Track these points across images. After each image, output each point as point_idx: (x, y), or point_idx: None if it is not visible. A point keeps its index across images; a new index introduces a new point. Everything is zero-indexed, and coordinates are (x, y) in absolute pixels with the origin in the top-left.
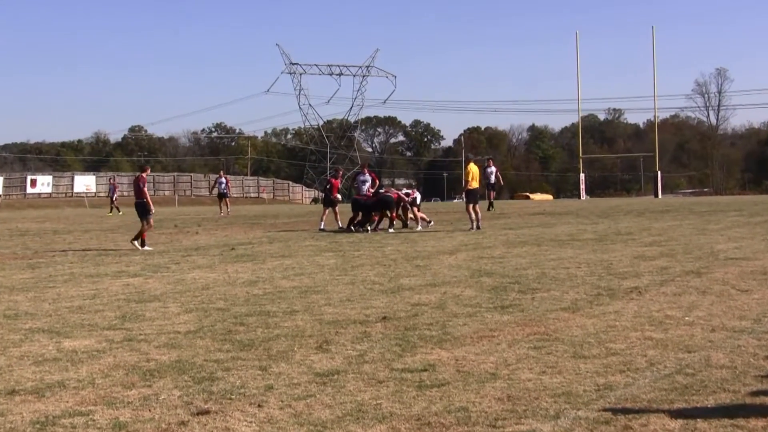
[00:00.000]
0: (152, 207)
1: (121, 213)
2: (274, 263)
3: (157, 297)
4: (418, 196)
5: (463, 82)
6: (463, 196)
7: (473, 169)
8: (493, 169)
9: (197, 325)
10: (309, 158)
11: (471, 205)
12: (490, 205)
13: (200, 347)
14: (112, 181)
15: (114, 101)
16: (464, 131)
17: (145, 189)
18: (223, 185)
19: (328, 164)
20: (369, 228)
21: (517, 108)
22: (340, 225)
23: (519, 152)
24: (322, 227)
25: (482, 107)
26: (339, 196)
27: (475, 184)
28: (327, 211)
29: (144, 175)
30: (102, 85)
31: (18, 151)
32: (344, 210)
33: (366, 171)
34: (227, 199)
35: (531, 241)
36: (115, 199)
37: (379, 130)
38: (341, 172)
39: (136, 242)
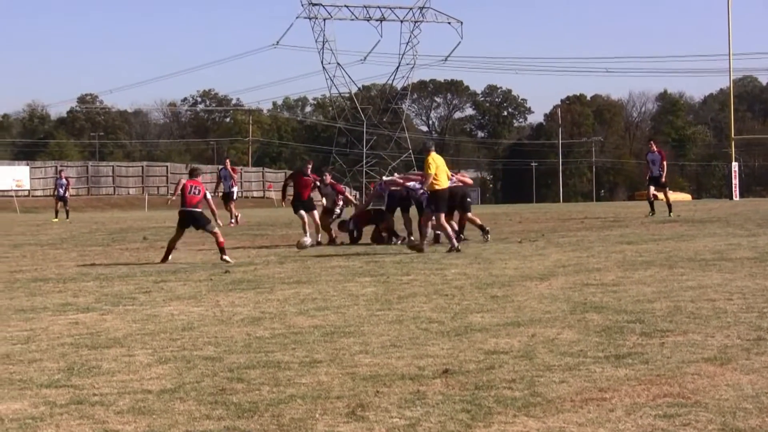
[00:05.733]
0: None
1: (69, 220)
2: (287, 292)
3: (119, 341)
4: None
5: (559, 32)
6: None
7: (437, 161)
8: (658, 154)
9: (176, 381)
10: (337, 141)
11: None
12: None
13: (180, 413)
14: (63, 174)
15: (55, 60)
16: (561, 101)
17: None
18: (228, 181)
19: (365, 149)
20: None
21: (640, 68)
22: (318, 239)
23: (642, 132)
24: (309, 242)
25: (587, 67)
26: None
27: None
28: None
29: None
30: (35, 36)
31: None
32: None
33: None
34: (232, 202)
35: (659, 260)
36: (66, 197)
37: (437, 99)
38: (310, 166)
39: (226, 256)
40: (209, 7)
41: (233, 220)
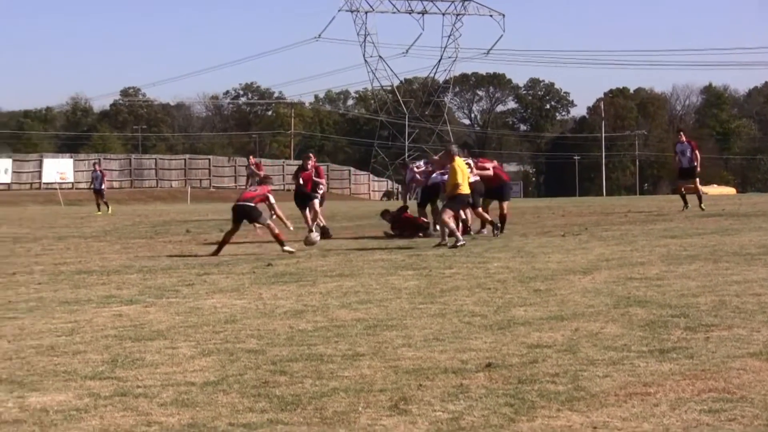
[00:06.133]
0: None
1: (110, 212)
2: (329, 285)
3: (162, 333)
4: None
5: (602, 25)
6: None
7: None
8: (687, 144)
9: (219, 373)
10: (379, 134)
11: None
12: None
13: (223, 405)
14: (97, 166)
15: (98, 53)
16: (604, 94)
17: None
18: (254, 178)
19: (407, 142)
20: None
21: (683, 60)
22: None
23: (686, 125)
24: (316, 238)
25: (631, 60)
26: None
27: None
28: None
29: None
30: (81, 30)
31: None
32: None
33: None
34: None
35: (703, 255)
36: (102, 190)
37: (479, 93)
38: (312, 161)
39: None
40: (251, 1)
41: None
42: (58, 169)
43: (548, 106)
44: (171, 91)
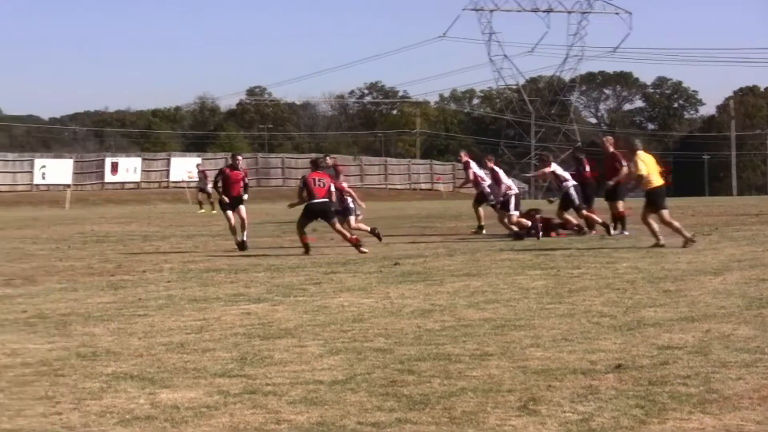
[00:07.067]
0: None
1: (214, 211)
2: (456, 285)
3: (290, 331)
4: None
5: (730, 22)
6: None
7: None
8: None
9: (347, 372)
10: (505, 133)
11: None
12: None
13: (352, 404)
14: (198, 166)
15: (226, 53)
16: (733, 93)
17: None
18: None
19: (533, 141)
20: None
21: None
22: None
23: None
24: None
25: (761, 57)
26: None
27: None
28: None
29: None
30: (207, 31)
31: (93, 124)
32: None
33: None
34: None
35: None
36: (207, 190)
37: (606, 91)
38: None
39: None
40: (376, 0)
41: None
42: (186, 167)
43: (676, 105)
44: (297, 90)
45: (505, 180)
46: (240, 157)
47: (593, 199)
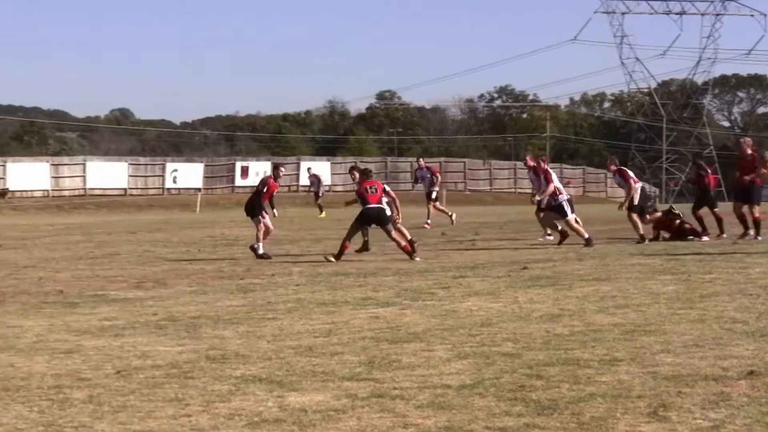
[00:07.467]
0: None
1: (324, 215)
2: (586, 289)
3: (418, 335)
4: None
5: None
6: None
7: None
8: None
9: (475, 376)
10: (636, 137)
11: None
12: None
13: (479, 409)
14: (309, 170)
15: (355, 57)
16: None
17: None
18: (424, 181)
19: (664, 144)
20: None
21: None
22: None
23: None
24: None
25: None
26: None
27: None
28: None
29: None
30: (337, 35)
31: (224, 128)
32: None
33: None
34: (433, 203)
35: None
36: (321, 195)
37: (740, 94)
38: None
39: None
40: (505, 4)
41: (429, 221)
42: (315, 171)
43: None
44: (426, 94)
45: (557, 183)
46: (283, 169)
47: (716, 203)
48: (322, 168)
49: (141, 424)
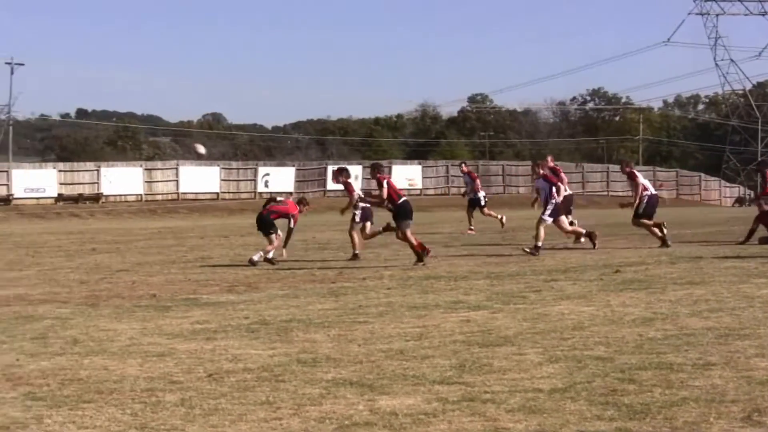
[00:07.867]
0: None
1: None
2: (679, 293)
3: (509, 339)
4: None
5: None
6: None
7: None
8: None
9: (567, 380)
10: (730, 139)
11: None
12: None
13: (571, 413)
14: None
15: (447, 60)
16: None
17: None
18: (468, 186)
19: (759, 147)
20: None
21: None
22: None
23: None
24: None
25: None
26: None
27: None
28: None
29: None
30: (429, 39)
31: (315, 132)
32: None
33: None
34: (483, 209)
35: None
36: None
37: None
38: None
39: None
40: (598, 6)
41: (472, 228)
42: (407, 175)
43: None
44: (518, 97)
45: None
46: (307, 205)
47: None
48: (415, 172)
49: (232, 427)
